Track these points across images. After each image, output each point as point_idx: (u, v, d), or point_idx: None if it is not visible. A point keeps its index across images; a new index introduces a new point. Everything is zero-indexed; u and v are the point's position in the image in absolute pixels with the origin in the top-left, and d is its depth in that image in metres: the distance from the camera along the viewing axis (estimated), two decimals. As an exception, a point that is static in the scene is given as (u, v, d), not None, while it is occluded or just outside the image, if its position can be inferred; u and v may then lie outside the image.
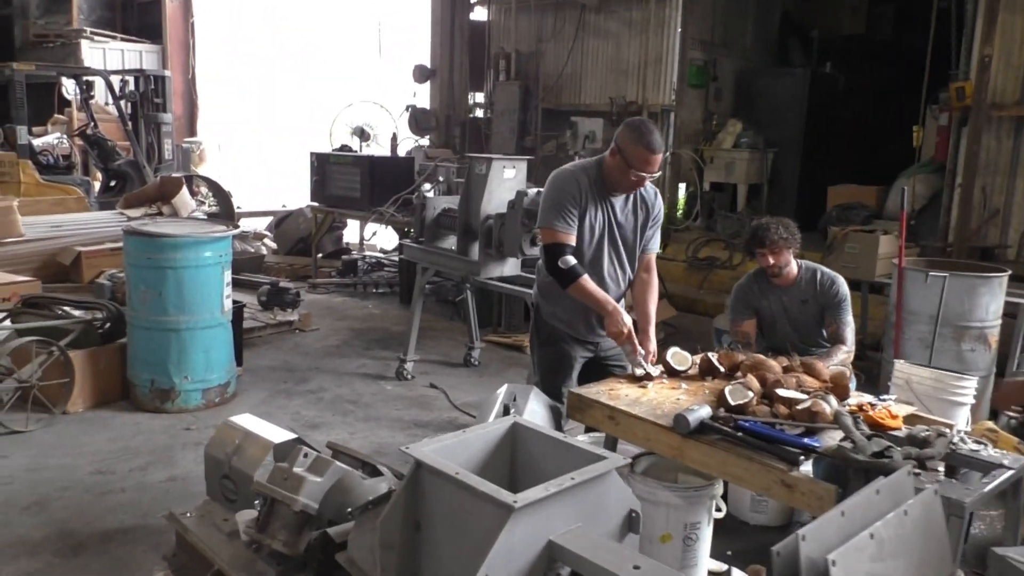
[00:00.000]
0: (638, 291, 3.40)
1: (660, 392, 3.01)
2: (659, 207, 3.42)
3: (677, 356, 3.25)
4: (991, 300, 4.86)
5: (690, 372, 3.22)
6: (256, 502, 2.77)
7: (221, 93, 15.34)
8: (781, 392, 2.77)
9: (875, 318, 6.26)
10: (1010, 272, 4.94)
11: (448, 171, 7.51)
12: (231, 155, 14.56)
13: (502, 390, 3.07)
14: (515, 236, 4.94)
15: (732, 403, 2.72)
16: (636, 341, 3.15)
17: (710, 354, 3.23)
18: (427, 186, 6.90)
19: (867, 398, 2.95)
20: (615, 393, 2.98)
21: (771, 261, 3.85)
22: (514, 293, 5.26)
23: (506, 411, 2.86)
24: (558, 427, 3.08)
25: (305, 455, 2.71)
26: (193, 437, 4.44)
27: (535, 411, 2.96)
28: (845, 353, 3.80)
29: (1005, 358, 5.14)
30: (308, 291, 8.15)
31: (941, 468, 2.54)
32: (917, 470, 2.38)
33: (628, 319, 3.16)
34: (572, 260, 3.15)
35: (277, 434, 3.12)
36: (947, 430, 2.63)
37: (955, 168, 7.22)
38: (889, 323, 5.20)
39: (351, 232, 10.45)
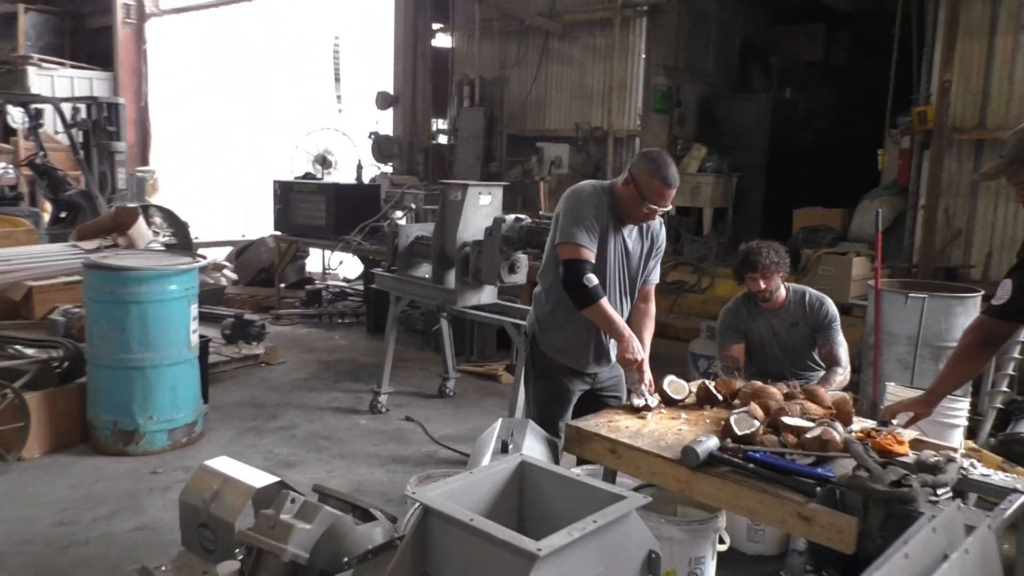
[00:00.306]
0: (636, 321, 3.31)
1: (660, 423, 2.91)
2: (663, 238, 3.35)
3: (674, 385, 3.17)
4: (966, 320, 4.89)
5: (687, 401, 3.14)
6: (238, 552, 2.60)
7: (173, 121, 15.02)
8: (787, 420, 2.70)
9: (849, 340, 6.27)
10: (983, 292, 4.98)
11: (416, 198, 7.38)
12: (185, 184, 14.23)
13: (497, 425, 2.95)
14: (493, 263, 4.83)
15: (739, 433, 2.64)
16: (646, 370, 3.07)
17: (707, 382, 3.16)
18: (398, 213, 6.77)
19: (869, 424, 2.89)
20: (615, 425, 2.87)
21: (762, 286, 3.81)
22: (492, 322, 5.14)
23: (504, 447, 2.73)
24: (556, 461, 2.96)
25: (292, 500, 2.55)
26: (160, 481, 4.21)
27: (532, 447, 2.83)
28: (842, 375, 3.76)
29: (980, 376, 5.16)
30: (272, 323, 7.91)
31: (950, 494, 2.48)
32: (934, 498, 2.32)
33: (640, 347, 3.08)
34: (595, 279, 3.04)
35: (258, 478, 2.95)
36: (956, 455, 2.58)
37: (918, 190, 7.34)
38: (866, 344, 5.21)
39: (313, 261, 10.24)
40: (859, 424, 2.90)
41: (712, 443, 2.55)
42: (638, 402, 3.05)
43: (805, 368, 3.99)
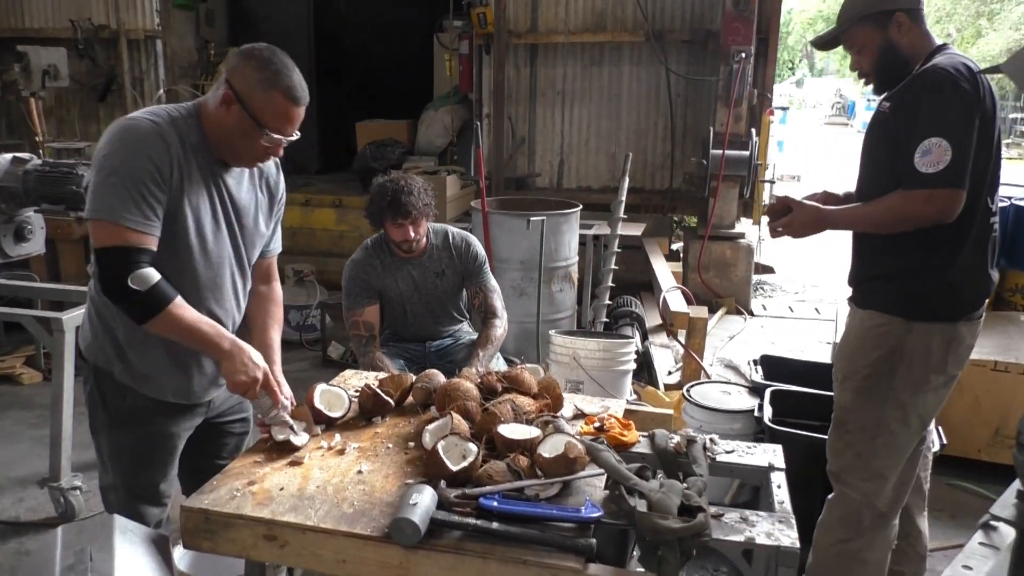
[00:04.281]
0: (256, 311, 2.25)
1: (326, 465, 1.98)
2: (283, 186, 2.27)
3: (327, 396, 2.24)
4: (572, 236, 4.75)
5: (349, 416, 2.24)
6: None
7: None
8: (505, 432, 1.97)
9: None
10: (582, 206, 4.87)
11: None
12: None
13: (56, 538, 1.70)
14: (-16, 230, 3.19)
15: (454, 469, 1.84)
16: (277, 390, 2.05)
17: (371, 384, 2.28)
18: None
19: (587, 406, 2.32)
20: (263, 491, 1.86)
21: (411, 234, 2.99)
22: (-4, 313, 3.49)
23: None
24: (168, 565, 1.84)
25: None
26: None
27: (131, 561, 1.68)
28: (501, 328, 3.17)
29: (580, 293, 5.14)
30: None
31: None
32: (719, 512, 1.83)
33: (259, 358, 2.03)
34: (154, 275, 1.86)
35: None
36: (692, 432, 2.15)
37: (481, 98, 7.15)
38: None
39: None
40: (568, 404, 2.32)
41: (426, 499, 1.72)
42: (281, 437, 2.06)
43: (448, 323, 3.34)
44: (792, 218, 2.25)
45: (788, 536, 1.74)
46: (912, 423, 2.20)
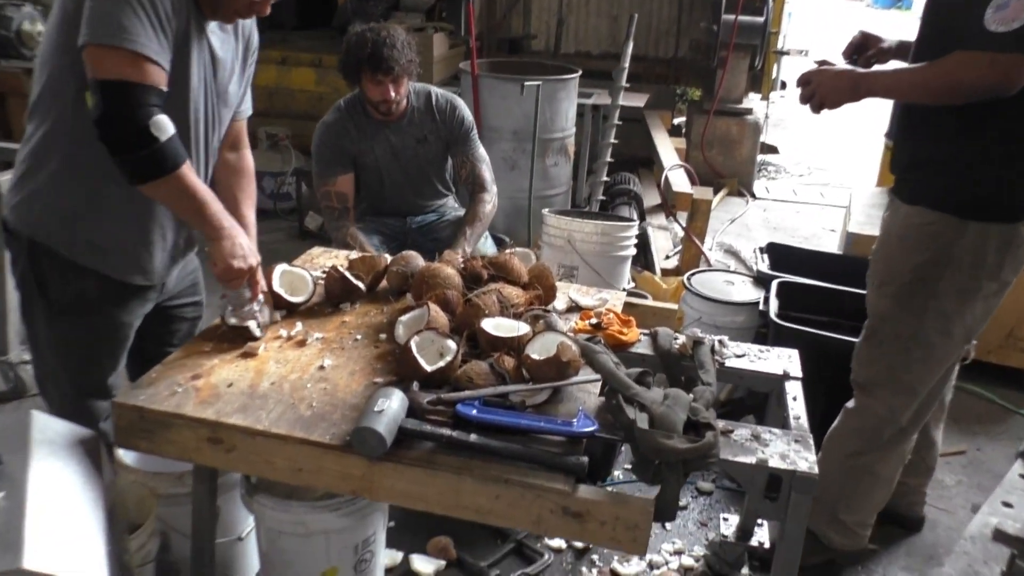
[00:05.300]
0: (226, 184, 1.94)
1: (283, 359, 1.73)
2: (256, 39, 1.92)
3: (289, 277, 1.98)
4: (569, 105, 4.38)
5: (313, 300, 1.99)
6: None
7: None
8: (489, 328, 1.73)
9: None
10: (581, 71, 4.46)
11: None
12: None
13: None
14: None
15: (429, 370, 1.60)
16: (261, 279, 1.78)
17: (339, 267, 2.01)
18: None
19: (583, 299, 2.07)
20: (209, 386, 1.62)
21: (392, 94, 2.64)
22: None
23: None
24: (97, 469, 1.61)
25: None
26: None
27: (49, 465, 1.46)
28: (491, 202, 2.87)
29: (576, 168, 4.81)
30: None
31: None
32: (728, 427, 1.62)
33: (253, 246, 1.75)
34: (168, 125, 1.54)
35: None
36: (699, 333, 1.91)
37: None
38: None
39: None
40: (562, 295, 2.07)
41: (395, 403, 1.48)
42: (234, 321, 1.81)
43: (431, 196, 3.04)
44: (820, 80, 1.90)
45: (805, 459, 1.53)
46: (955, 334, 1.95)
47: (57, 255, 1.75)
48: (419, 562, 2.24)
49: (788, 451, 1.55)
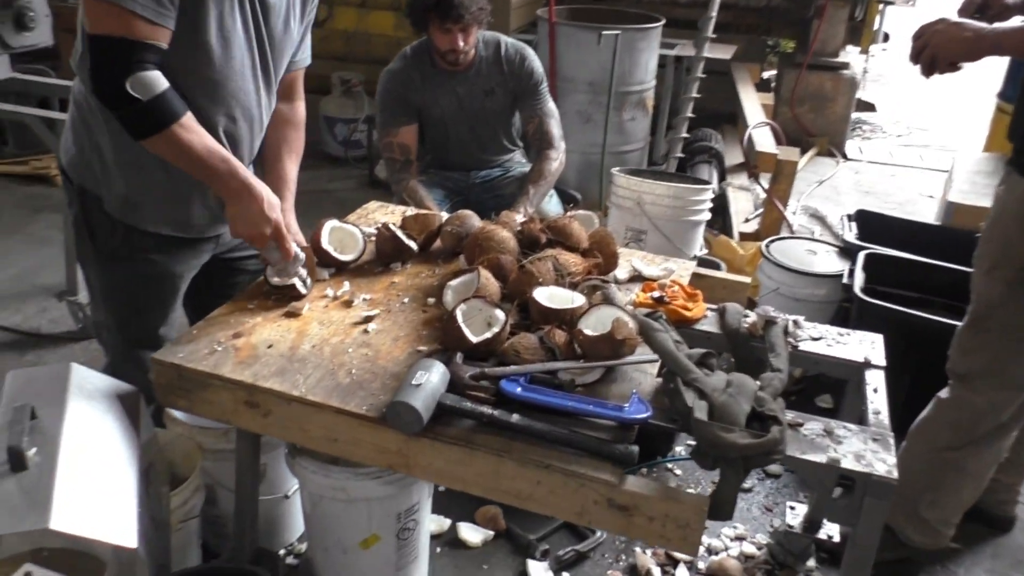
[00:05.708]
0: (272, 136, 1.87)
1: (327, 320, 1.67)
2: None
3: (339, 234, 1.90)
4: (650, 56, 4.15)
5: (363, 259, 1.91)
6: None
7: None
8: (541, 298, 1.61)
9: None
10: (665, 20, 4.21)
11: None
12: None
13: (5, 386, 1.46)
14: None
15: (474, 341, 1.51)
16: (289, 241, 1.71)
17: (391, 225, 1.92)
18: None
19: (647, 268, 1.93)
20: (249, 346, 1.57)
21: (460, 44, 2.51)
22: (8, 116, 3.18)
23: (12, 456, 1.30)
24: (135, 426, 1.58)
25: None
26: None
27: (85, 419, 1.43)
28: (558, 160, 2.73)
29: (655, 123, 4.58)
30: None
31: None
32: (797, 420, 1.48)
33: (273, 206, 1.67)
34: (159, 82, 1.49)
35: None
36: (773, 311, 1.74)
37: None
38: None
39: None
40: (624, 263, 1.93)
41: (436, 377, 1.39)
42: (276, 280, 1.74)
43: (496, 151, 2.91)
44: (937, 30, 1.68)
45: (883, 461, 1.38)
46: None
47: (102, 203, 1.73)
48: (466, 531, 2.18)
49: (864, 451, 1.40)
